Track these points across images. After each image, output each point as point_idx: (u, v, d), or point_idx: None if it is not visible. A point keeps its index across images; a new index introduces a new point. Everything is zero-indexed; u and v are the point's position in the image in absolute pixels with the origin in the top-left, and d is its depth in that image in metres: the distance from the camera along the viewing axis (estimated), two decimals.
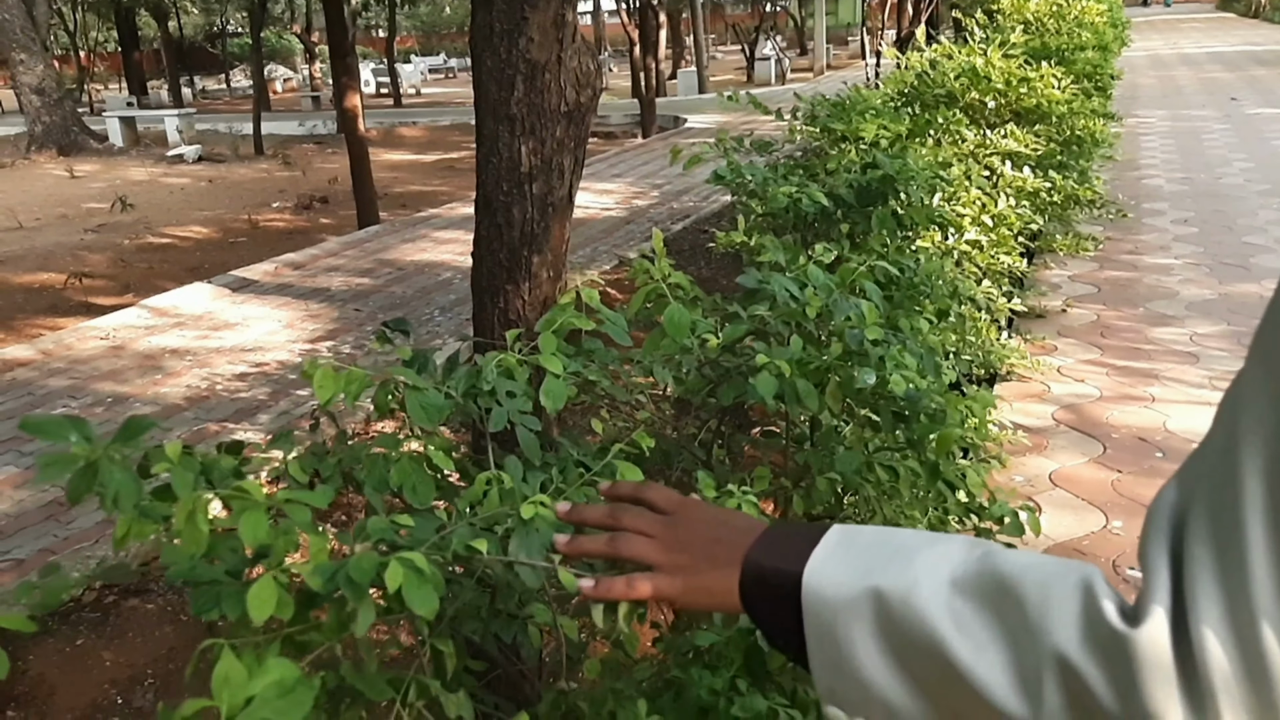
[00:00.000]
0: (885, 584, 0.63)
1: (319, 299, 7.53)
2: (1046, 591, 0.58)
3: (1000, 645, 0.58)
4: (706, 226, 9.03)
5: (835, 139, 2.79)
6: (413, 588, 0.71)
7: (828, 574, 0.66)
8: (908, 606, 0.62)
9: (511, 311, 1.84)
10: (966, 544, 0.66)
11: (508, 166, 1.72)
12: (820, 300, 1.30)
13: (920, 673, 0.62)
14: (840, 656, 0.65)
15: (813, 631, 0.66)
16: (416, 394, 1.17)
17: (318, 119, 20.79)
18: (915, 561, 0.64)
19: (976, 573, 0.62)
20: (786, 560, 0.69)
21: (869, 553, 0.66)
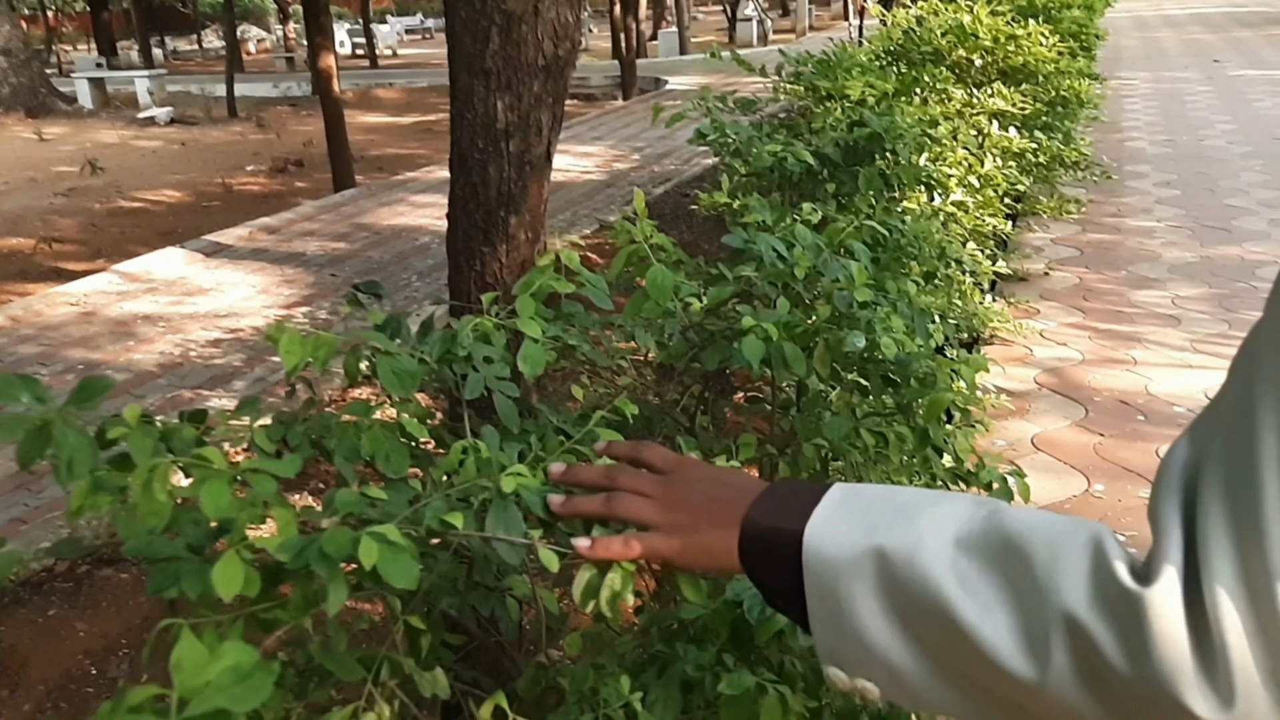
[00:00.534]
0: (888, 543, 0.62)
1: (294, 264, 7.42)
2: (1055, 550, 0.57)
3: (1007, 605, 0.57)
4: (688, 190, 8.95)
5: (820, 97, 2.73)
6: (389, 561, 0.66)
7: (829, 533, 0.65)
8: (912, 566, 0.60)
9: (488, 274, 1.78)
10: (972, 502, 0.64)
11: (483, 123, 1.66)
12: (809, 260, 1.26)
13: (924, 633, 0.61)
14: (842, 617, 0.63)
15: (814, 592, 0.65)
16: (388, 359, 1.11)
17: (292, 81, 20.45)
18: (919, 520, 0.63)
19: (983, 532, 0.61)
20: (787, 519, 0.67)
21: (872, 511, 0.65)
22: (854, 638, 0.63)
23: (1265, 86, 12.38)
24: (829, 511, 0.66)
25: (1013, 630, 0.57)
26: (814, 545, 0.65)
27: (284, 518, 0.73)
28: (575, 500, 0.80)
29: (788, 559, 0.66)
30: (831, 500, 0.67)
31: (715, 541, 0.71)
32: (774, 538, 0.68)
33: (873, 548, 0.62)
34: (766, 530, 0.69)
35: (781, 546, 0.67)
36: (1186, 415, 3.93)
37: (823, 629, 0.65)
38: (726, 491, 0.74)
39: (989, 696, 0.61)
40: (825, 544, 0.64)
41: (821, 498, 0.67)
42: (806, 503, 0.67)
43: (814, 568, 0.65)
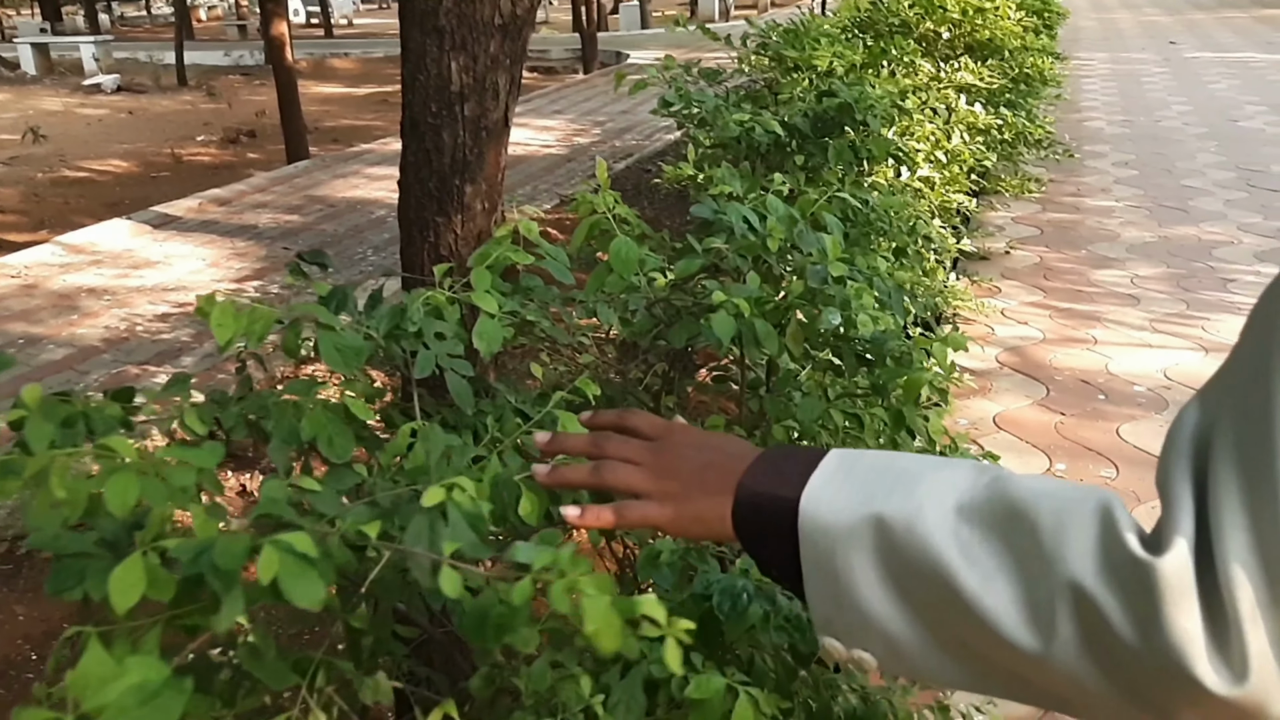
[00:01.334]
0: (888, 511, 0.60)
1: (246, 236, 7.24)
2: (1061, 518, 0.55)
3: (1010, 574, 0.56)
4: (650, 165, 8.85)
5: (787, 68, 2.66)
6: (292, 577, 0.58)
7: (826, 500, 0.63)
8: (911, 534, 0.59)
9: (443, 246, 1.70)
10: (974, 469, 0.63)
11: (436, 85, 1.57)
12: (783, 232, 1.19)
13: (923, 603, 0.59)
14: (839, 587, 0.62)
15: (810, 560, 0.63)
16: (330, 335, 1.03)
17: (244, 49, 19.96)
18: (919, 487, 0.61)
19: (985, 499, 0.59)
20: (782, 486, 0.65)
21: (870, 478, 0.63)
22: (851, 608, 0.62)
23: (1220, 69, 12.51)
24: (826, 478, 0.64)
25: (1016, 600, 0.55)
26: (810, 513, 0.63)
27: (199, 515, 0.65)
28: (562, 470, 0.77)
29: (783, 527, 0.64)
30: (828, 466, 0.65)
31: (708, 509, 0.69)
32: (769, 505, 0.66)
33: (871, 515, 0.60)
34: (761, 497, 0.67)
35: (776, 514, 0.65)
36: (1146, 395, 3.94)
37: (819, 599, 0.63)
38: (719, 457, 0.71)
39: (989, 667, 0.59)
40: (822, 511, 0.62)
41: (818, 464, 0.65)
42: (802, 469, 0.65)
43: (810, 536, 0.63)
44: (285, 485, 0.71)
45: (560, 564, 0.70)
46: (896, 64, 3.14)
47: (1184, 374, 4.08)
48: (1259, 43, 14.82)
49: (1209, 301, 4.87)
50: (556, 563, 0.70)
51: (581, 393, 1.69)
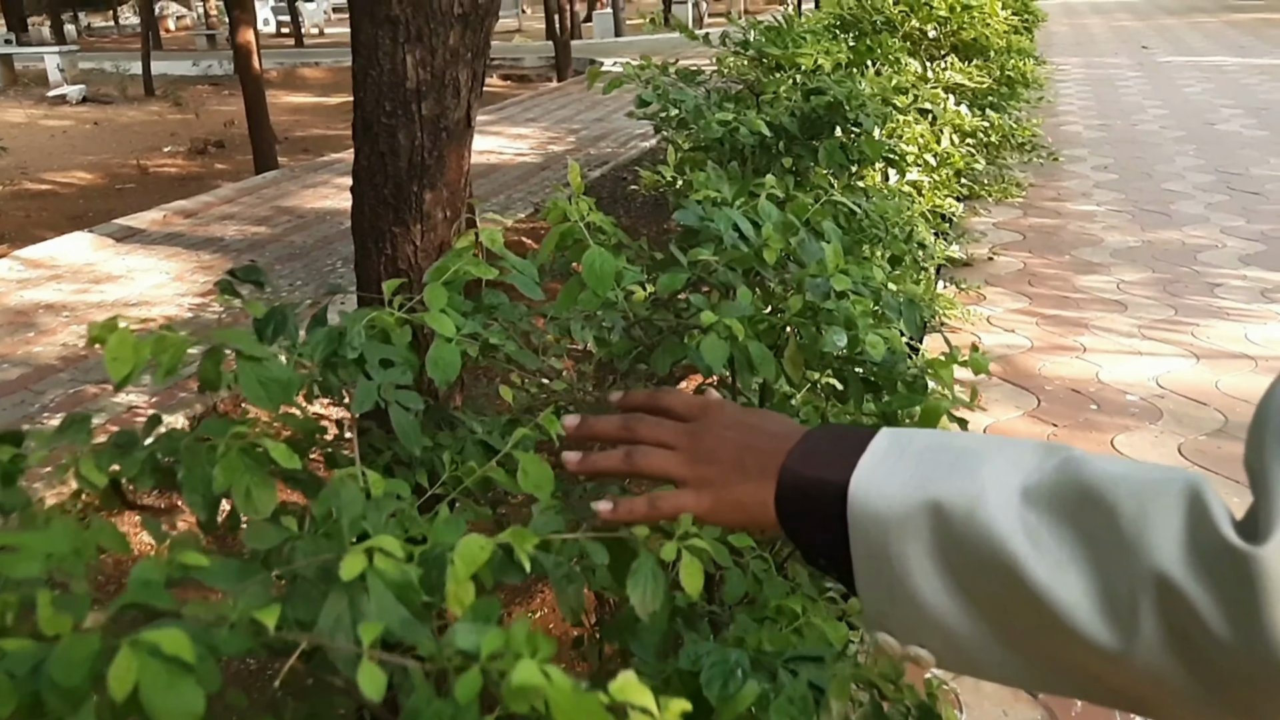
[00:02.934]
0: (945, 496, 0.56)
1: (211, 249, 7.04)
2: (1143, 503, 0.51)
3: (1084, 564, 0.52)
4: (626, 173, 8.72)
5: (769, 68, 2.53)
6: (159, 689, 0.43)
7: (877, 485, 0.58)
8: (972, 521, 0.54)
9: (400, 258, 1.55)
10: (1040, 449, 0.58)
11: (390, 82, 1.42)
12: (781, 242, 1.05)
13: (986, 595, 0.55)
14: (892, 578, 0.58)
15: (860, 550, 0.59)
16: (253, 366, 0.88)
17: (213, 59, 19.69)
18: (981, 469, 0.56)
19: (1055, 482, 0.55)
20: (829, 469, 0.61)
21: (925, 460, 0.58)
22: (906, 601, 0.57)
23: (1193, 72, 12.53)
24: (876, 460, 0.59)
25: (1091, 592, 0.51)
26: (860, 499, 0.58)
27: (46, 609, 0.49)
28: (593, 457, 0.72)
29: (830, 514, 0.59)
30: (879, 448, 0.60)
31: (748, 495, 0.65)
32: (815, 490, 0.61)
33: (927, 501, 0.56)
34: (806, 482, 0.62)
35: (823, 500, 0.60)
36: (1139, 404, 3.83)
37: (871, 591, 0.59)
38: (760, 439, 0.67)
39: (1058, 664, 0.55)
40: (873, 497, 0.58)
41: (868, 444, 0.61)
42: (851, 450, 0.60)
43: (861, 524, 0.58)
44: (163, 565, 0.56)
45: (513, 647, 0.55)
46: (883, 62, 3.02)
47: (1177, 382, 3.98)
48: (1230, 46, 14.88)
49: (1196, 306, 4.77)
50: (509, 646, 0.56)
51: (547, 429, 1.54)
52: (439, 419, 1.31)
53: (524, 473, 0.83)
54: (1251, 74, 12.19)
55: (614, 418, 0.74)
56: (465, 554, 0.61)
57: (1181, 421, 3.65)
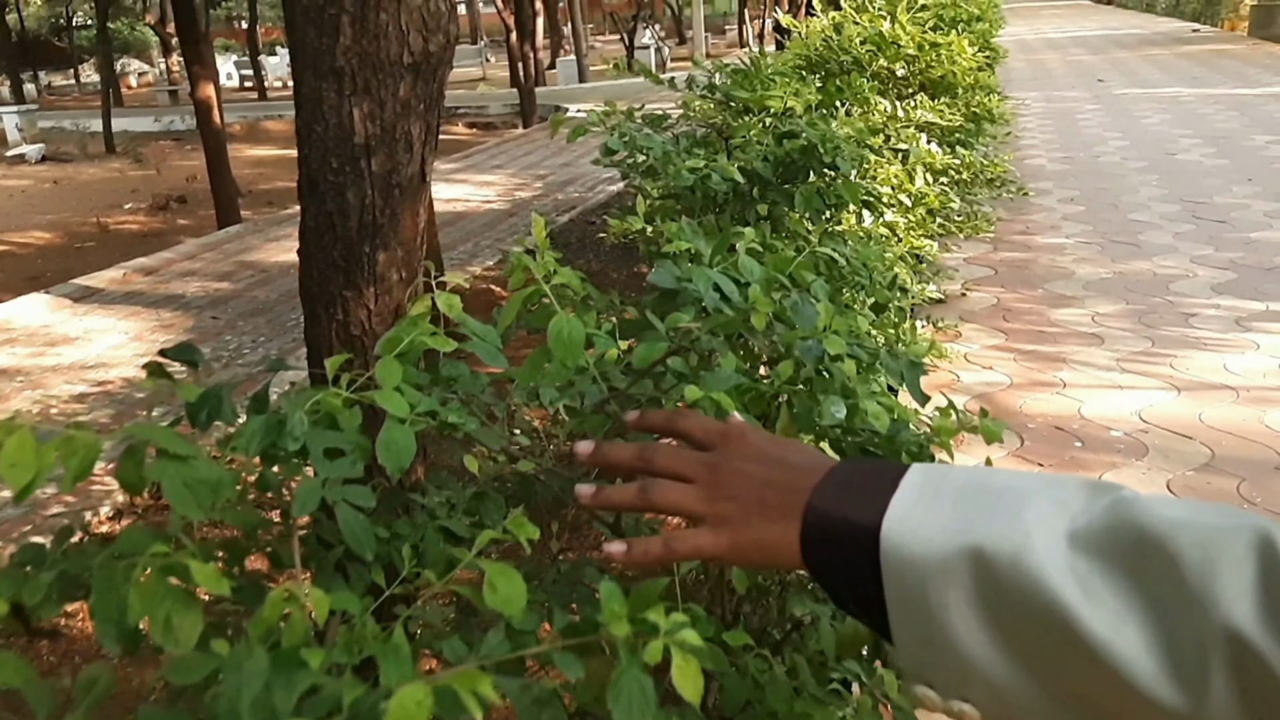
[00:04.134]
0: (988, 540, 0.52)
1: (172, 307, 6.89)
2: (1208, 552, 0.47)
3: (1144, 617, 0.48)
4: (594, 217, 8.67)
5: (738, 111, 2.47)
6: None
7: (913, 528, 0.54)
8: (1019, 568, 0.50)
9: (353, 324, 1.44)
10: (1086, 488, 0.54)
11: (336, 137, 1.32)
12: (769, 304, 0.95)
13: (1035, 649, 0.51)
14: (932, 628, 0.53)
15: (896, 598, 0.54)
16: (176, 467, 0.77)
17: (175, 114, 19.58)
18: (1026, 512, 0.52)
19: (1106, 525, 0.51)
20: (859, 509, 0.57)
21: (964, 500, 0.54)
22: (948, 652, 0.53)
23: (1150, 104, 12.72)
24: (910, 500, 0.55)
25: (1153, 648, 0.47)
26: (895, 543, 0.54)
27: None
28: (606, 491, 0.68)
29: (862, 557, 0.55)
30: (911, 485, 0.56)
31: (770, 535, 0.60)
32: (844, 532, 0.57)
33: (968, 546, 0.52)
34: (834, 523, 0.58)
35: (853, 542, 0.56)
36: (1124, 440, 3.76)
37: (909, 642, 0.55)
38: (783, 473, 0.62)
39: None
40: (909, 541, 0.54)
41: (899, 482, 0.57)
42: (882, 488, 0.57)
43: (896, 570, 0.54)
44: None
45: None
46: (853, 102, 2.96)
47: (1159, 416, 3.92)
48: (1185, 78, 15.15)
49: (1173, 338, 4.74)
50: None
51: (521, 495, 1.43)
52: (396, 503, 1.20)
53: (490, 586, 0.72)
54: (1207, 104, 12.40)
55: (629, 445, 0.70)
56: (400, 712, 0.50)
57: (1168, 457, 3.59)
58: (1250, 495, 3.29)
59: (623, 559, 0.65)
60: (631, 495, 0.66)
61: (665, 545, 0.64)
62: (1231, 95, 12.97)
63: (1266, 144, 9.51)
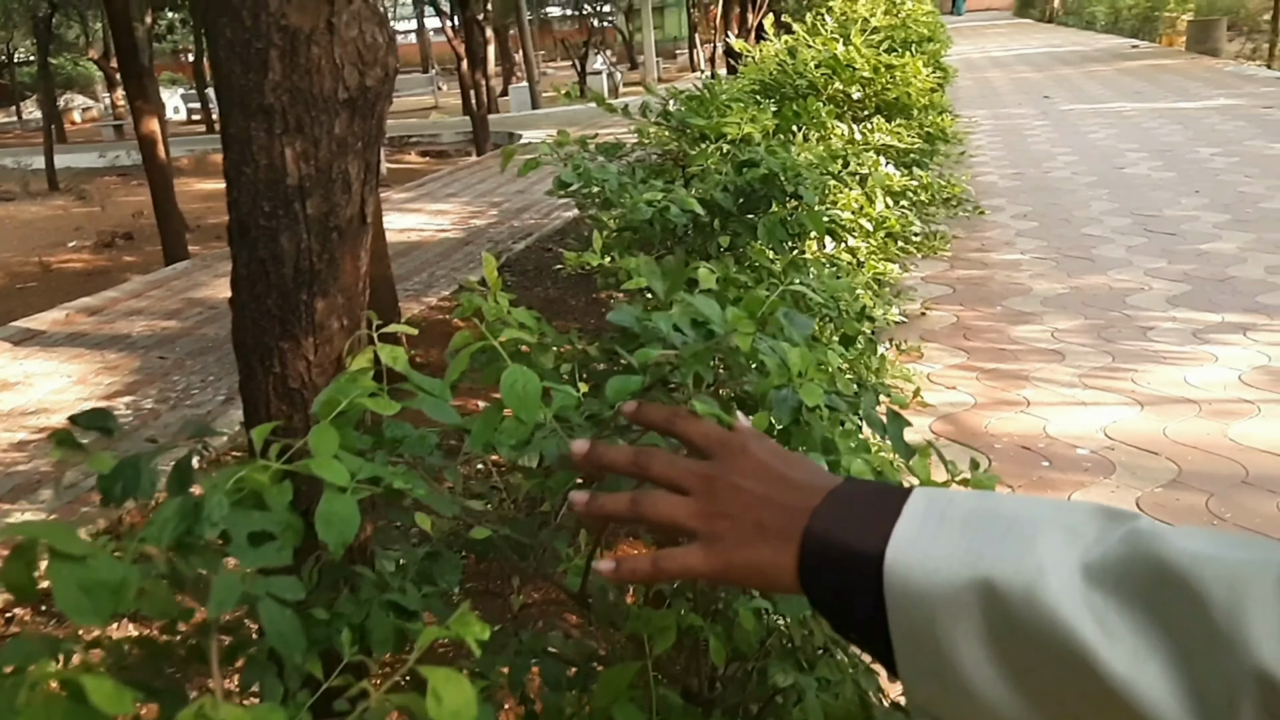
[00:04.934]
0: (998, 572, 0.49)
1: (117, 348, 6.69)
2: (1236, 588, 0.44)
3: (1166, 658, 0.45)
4: (550, 244, 8.60)
5: (694, 138, 2.41)
6: None
7: (919, 558, 0.52)
8: (1032, 604, 0.48)
9: (292, 377, 1.34)
10: (1099, 516, 0.51)
11: (268, 179, 1.23)
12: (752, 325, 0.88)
13: (1049, 687, 0.48)
14: (941, 663, 0.51)
15: (902, 631, 0.52)
16: (70, 568, 0.67)
17: (121, 149, 19.23)
18: (1038, 542, 0.50)
19: (1123, 558, 0.48)
20: (860, 536, 0.55)
21: (971, 529, 0.52)
22: (957, 688, 0.51)
23: (1096, 119, 12.92)
24: (915, 528, 0.53)
25: (1178, 691, 0.45)
26: (899, 574, 0.52)
27: None
28: (599, 500, 0.66)
29: (864, 586, 0.53)
30: (915, 511, 0.54)
31: (765, 559, 0.58)
32: (844, 560, 0.55)
33: (977, 579, 0.50)
34: (834, 550, 0.55)
35: (854, 571, 0.54)
36: (1091, 458, 3.74)
37: (915, 676, 0.53)
38: (784, 493, 0.60)
39: None
40: (914, 573, 0.52)
41: (903, 508, 0.54)
42: (884, 514, 0.54)
43: (901, 602, 0.52)
44: None
45: None
46: (810, 127, 2.91)
47: (1125, 432, 3.90)
48: (1127, 93, 15.44)
49: (1133, 352, 4.75)
50: None
51: None
52: (339, 576, 1.10)
53: (435, 697, 0.63)
54: (1151, 118, 12.62)
55: (625, 449, 0.68)
56: None
57: (1135, 474, 3.56)
58: (1219, 511, 3.27)
59: (611, 577, 0.63)
60: (624, 505, 0.64)
61: (654, 564, 0.62)
62: (1173, 109, 13.23)
63: (1210, 156, 9.68)
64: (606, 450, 0.68)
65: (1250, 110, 12.57)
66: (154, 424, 5.41)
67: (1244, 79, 16.23)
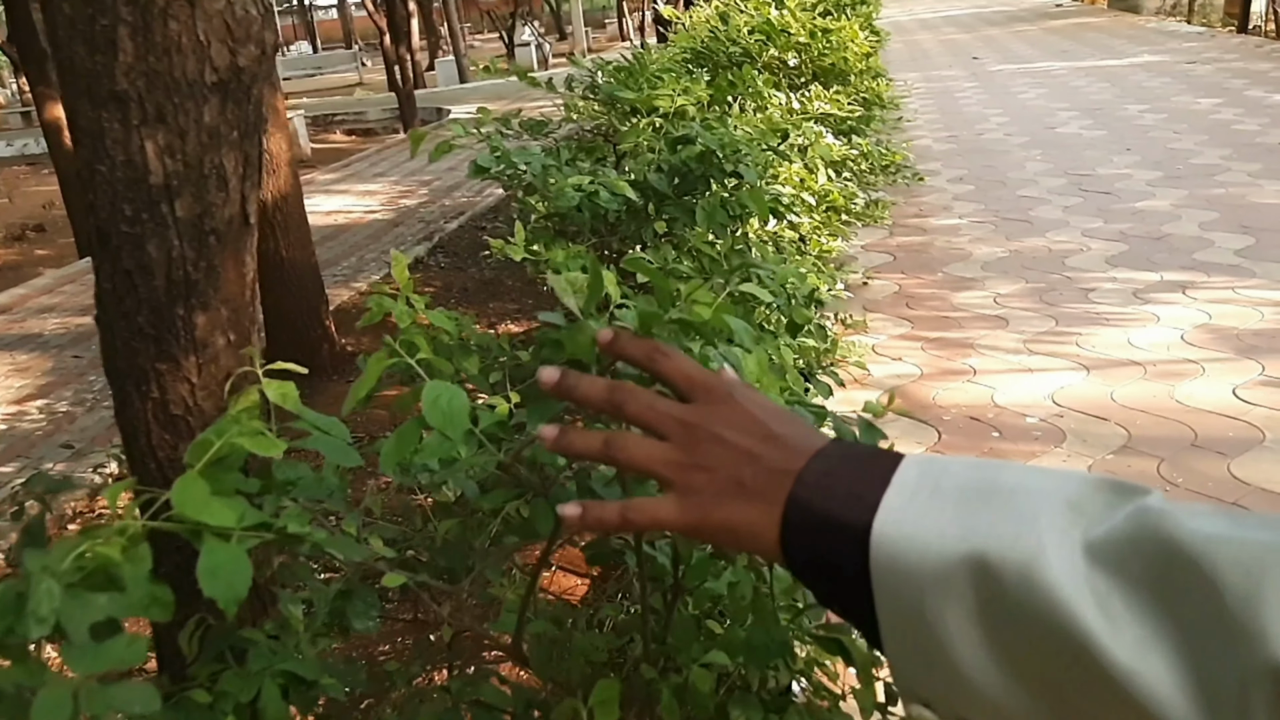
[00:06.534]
0: (993, 548, 0.46)
1: (28, 348, 6.35)
2: (1253, 575, 0.41)
3: (1172, 647, 0.42)
4: (484, 222, 8.38)
5: (624, 112, 2.26)
6: None
7: (908, 531, 0.48)
8: (1029, 582, 0.45)
9: (174, 403, 1.18)
10: (1105, 489, 0.47)
11: (127, 178, 1.06)
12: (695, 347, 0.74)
13: (1044, 672, 0.45)
14: (930, 643, 0.47)
15: (889, 609, 0.48)
16: None
17: (29, 137, 18.44)
18: (1039, 518, 0.46)
19: (1128, 537, 0.44)
20: (847, 506, 0.50)
21: (966, 501, 0.48)
22: (946, 670, 0.47)
23: (1025, 79, 12.98)
24: (905, 498, 0.49)
25: (1185, 683, 0.42)
26: (888, 549, 0.48)
27: None
28: (569, 434, 0.60)
29: (849, 558, 0.49)
30: (906, 481, 0.50)
31: (743, 521, 0.54)
32: (828, 529, 0.50)
33: (971, 554, 0.46)
34: (817, 519, 0.51)
35: (839, 542, 0.50)
36: (1041, 426, 3.68)
37: (903, 657, 0.49)
38: (769, 451, 0.54)
39: None
40: (902, 547, 0.47)
41: (892, 476, 0.50)
42: (873, 482, 0.50)
43: (889, 579, 0.48)
44: None
45: None
46: (746, 97, 2.77)
47: (1073, 398, 3.86)
48: (1054, 52, 15.54)
49: (1075, 314, 4.72)
50: None
51: None
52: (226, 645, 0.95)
53: None
54: (1078, 76, 12.71)
55: (601, 382, 0.62)
56: None
57: (1086, 441, 3.52)
58: (1171, 476, 3.23)
59: (576, 525, 0.59)
60: (595, 445, 0.59)
61: (622, 514, 0.57)
62: (1100, 67, 13.34)
63: (1140, 113, 9.75)
64: (579, 380, 0.61)
65: (1174, 66, 12.72)
66: (70, 429, 5.13)
67: (1166, 35, 16.46)
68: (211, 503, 0.78)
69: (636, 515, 0.57)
